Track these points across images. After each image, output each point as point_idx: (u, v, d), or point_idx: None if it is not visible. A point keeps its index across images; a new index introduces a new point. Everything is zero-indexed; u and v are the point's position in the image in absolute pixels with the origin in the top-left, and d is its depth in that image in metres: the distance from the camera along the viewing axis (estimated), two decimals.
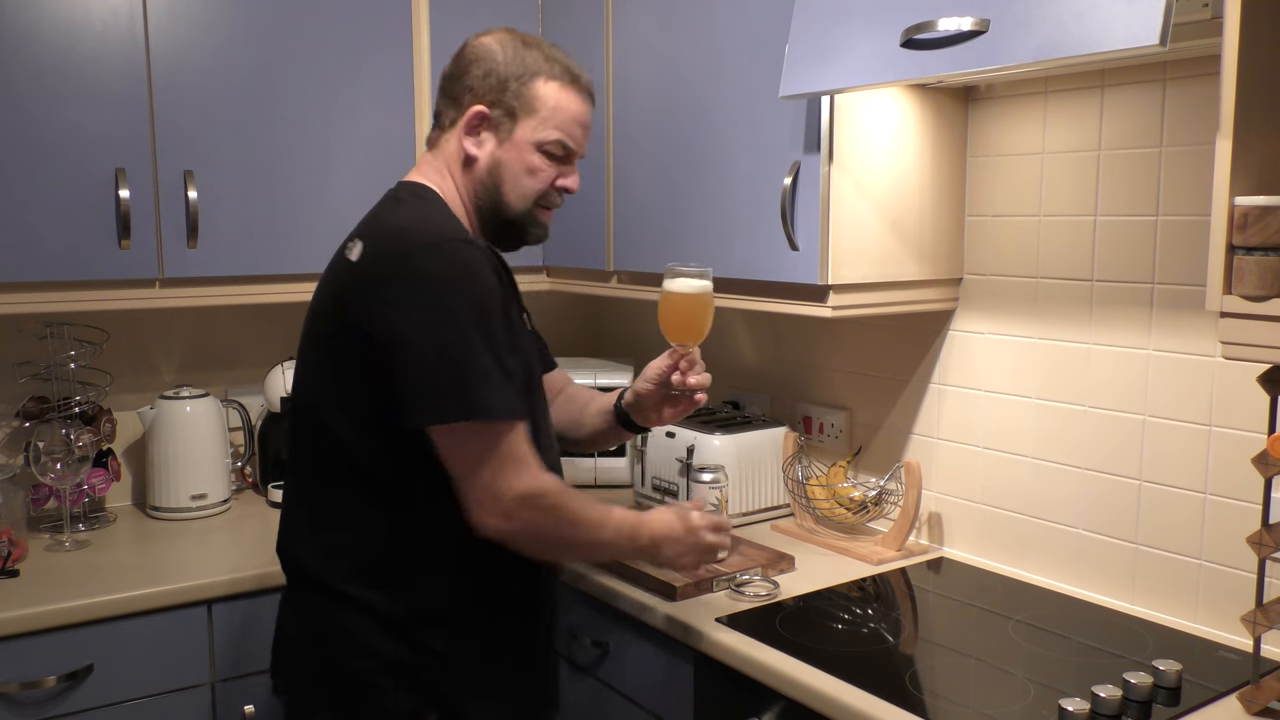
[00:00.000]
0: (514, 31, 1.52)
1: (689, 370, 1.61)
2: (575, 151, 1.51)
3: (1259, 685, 1.37)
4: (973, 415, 1.98)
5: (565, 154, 1.50)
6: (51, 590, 1.80)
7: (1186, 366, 1.65)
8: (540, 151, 1.47)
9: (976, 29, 1.39)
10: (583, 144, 1.52)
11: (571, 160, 1.52)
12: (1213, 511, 1.64)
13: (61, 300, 1.97)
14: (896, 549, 1.99)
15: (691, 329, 1.61)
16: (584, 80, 1.52)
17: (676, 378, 1.61)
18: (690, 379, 1.60)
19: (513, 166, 1.47)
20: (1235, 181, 1.20)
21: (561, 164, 1.50)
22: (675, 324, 1.60)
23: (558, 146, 1.48)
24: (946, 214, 1.94)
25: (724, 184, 1.97)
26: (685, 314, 1.60)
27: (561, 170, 1.50)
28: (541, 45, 1.50)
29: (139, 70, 1.99)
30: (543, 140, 1.47)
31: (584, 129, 1.51)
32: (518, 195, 1.48)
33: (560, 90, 1.48)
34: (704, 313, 1.61)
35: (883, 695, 1.40)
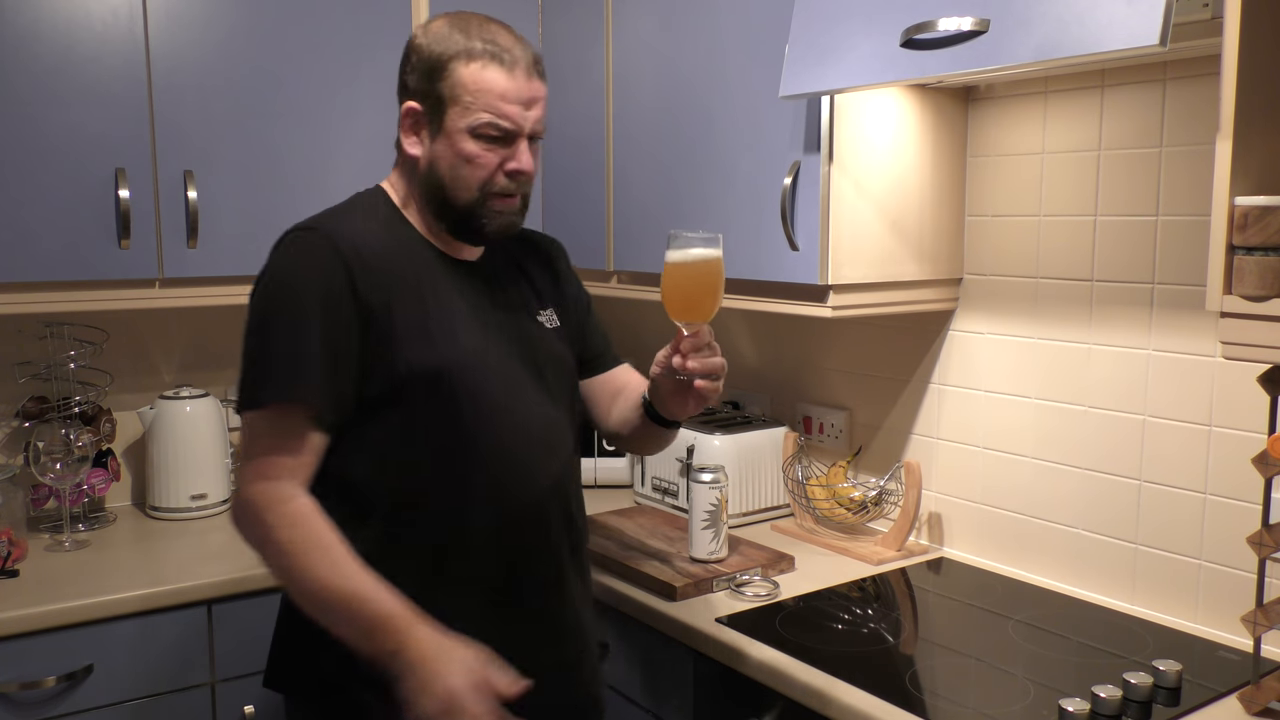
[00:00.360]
0: (455, 15, 1.42)
1: (690, 353, 1.38)
2: (515, 131, 1.37)
3: (1259, 685, 1.37)
4: (973, 415, 1.98)
5: (505, 135, 1.37)
6: (51, 590, 1.80)
7: (1186, 366, 1.65)
8: (475, 138, 1.36)
9: (976, 29, 1.39)
10: (523, 121, 1.37)
11: (515, 142, 1.38)
12: (1213, 511, 1.63)
13: (61, 300, 1.97)
14: (896, 549, 1.99)
15: (694, 305, 1.38)
16: (513, 54, 1.38)
17: (677, 360, 1.38)
18: (689, 362, 1.37)
19: (450, 159, 1.37)
20: (1235, 181, 1.20)
21: (504, 147, 1.37)
22: (676, 299, 1.38)
23: (491, 129, 1.36)
24: (946, 214, 1.94)
25: (724, 184, 1.97)
26: (687, 287, 1.38)
27: (506, 154, 1.38)
28: (470, 26, 1.39)
29: (139, 70, 1.99)
30: (473, 125, 1.36)
31: (521, 104, 1.37)
32: (461, 188, 1.38)
33: (482, 70, 1.35)
34: (709, 286, 1.38)
35: (883, 695, 1.41)
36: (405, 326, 1.34)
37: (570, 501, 1.50)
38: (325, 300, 1.31)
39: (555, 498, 1.46)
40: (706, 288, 1.38)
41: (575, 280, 1.67)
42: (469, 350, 1.38)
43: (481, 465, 1.38)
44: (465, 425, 1.37)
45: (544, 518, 1.44)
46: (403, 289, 1.36)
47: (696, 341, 1.37)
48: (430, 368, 1.34)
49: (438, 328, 1.37)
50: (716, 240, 1.39)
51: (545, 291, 1.55)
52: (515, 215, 1.42)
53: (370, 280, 1.33)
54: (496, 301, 1.46)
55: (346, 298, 1.31)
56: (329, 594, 1.24)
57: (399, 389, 1.34)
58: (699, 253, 1.38)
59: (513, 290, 1.51)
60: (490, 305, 1.45)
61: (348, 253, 1.32)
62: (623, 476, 2.46)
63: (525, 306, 1.51)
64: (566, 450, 1.50)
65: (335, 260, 1.32)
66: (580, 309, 1.64)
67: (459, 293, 1.42)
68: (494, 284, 1.48)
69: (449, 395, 1.36)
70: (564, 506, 1.48)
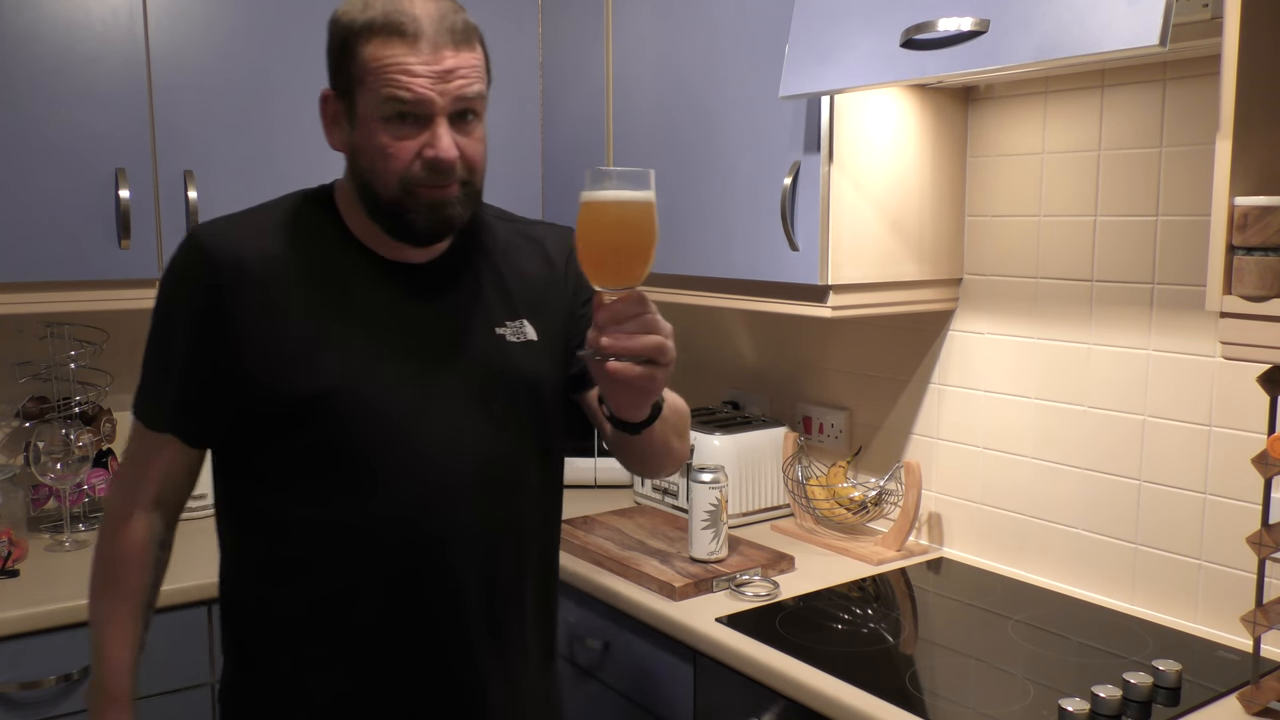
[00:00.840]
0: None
1: (607, 325, 1.05)
2: (425, 110, 1.16)
3: (1259, 685, 1.37)
4: (973, 415, 1.98)
5: (415, 117, 1.16)
6: (51, 590, 1.80)
7: (1186, 366, 1.65)
8: (385, 123, 1.17)
9: (976, 29, 1.39)
10: (432, 96, 1.15)
11: (431, 123, 1.16)
12: (1212, 511, 1.64)
13: (61, 300, 1.97)
14: (896, 549, 1.99)
15: (613, 262, 1.06)
16: (418, 23, 1.16)
17: (591, 333, 1.06)
18: (603, 337, 1.04)
19: (367, 151, 1.19)
20: (1235, 181, 1.20)
21: (419, 130, 1.17)
22: (591, 254, 1.07)
23: (394, 108, 1.15)
24: (946, 214, 1.94)
25: (724, 184, 1.97)
26: (605, 238, 1.06)
27: (424, 139, 1.16)
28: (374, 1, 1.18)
29: (139, 70, 1.99)
30: (378, 109, 1.16)
31: (431, 77, 1.15)
32: (380, 183, 1.18)
33: (382, 45, 1.15)
34: (635, 238, 1.06)
35: (883, 695, 1.41)
36: (288, 346, 1.18)
37: (515, 565, 1.28)
38: (191, 319, 1.20)
39: (482, 556, 1.24)
40: (631, 240, 1.06)
41: (580, 278, 1.37)
42: (362, 372, 1.19)
43: (366, 510, 1.20)
44: (350, 460, 1.20)
45: (457, 585, 1.23)
46: (292, 303, 1.20)
47: (615, 311, 1.05)
48: (311, 394, 1.17)
49: (329, 347, 1.19)
50: (646, 178, 1.06)
51: (522, 297, 1.31)
52: (453, 207, 1.20)
53: (249, 296, 1.18)
54: (435, 313, 1.25)
55: (213, 317, 1.18)
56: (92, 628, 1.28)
57: (282, 417, 1.19)
58: (621, 195, 1.05)
59: (465, 298, 1.28)
60: (421, 318, 1.24)
61: (226, 265, 1.19)
62: (623, 476, 2.46)
63: (482, 317, 1.28)
64: (520, 495, 1.28)
65: (207, 274, 1.19)
66: (582, 312, 1.41)
67: (379, 304, 1.23)
68: (439, 292, 1.26)
69: (333, 424, 1.19)
70: (504, 569, 1.26)
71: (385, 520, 1.20)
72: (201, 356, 1.20)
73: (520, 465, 1.28)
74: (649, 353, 1.04)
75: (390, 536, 1.20)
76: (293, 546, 1.22)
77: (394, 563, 1.21)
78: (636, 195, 1.06)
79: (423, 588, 1.22)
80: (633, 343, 1.04)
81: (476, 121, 1.21)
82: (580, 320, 1.35)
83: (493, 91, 1.25)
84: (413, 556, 1.21)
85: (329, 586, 1.21)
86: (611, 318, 1.04)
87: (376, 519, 1.20)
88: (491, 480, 1.25)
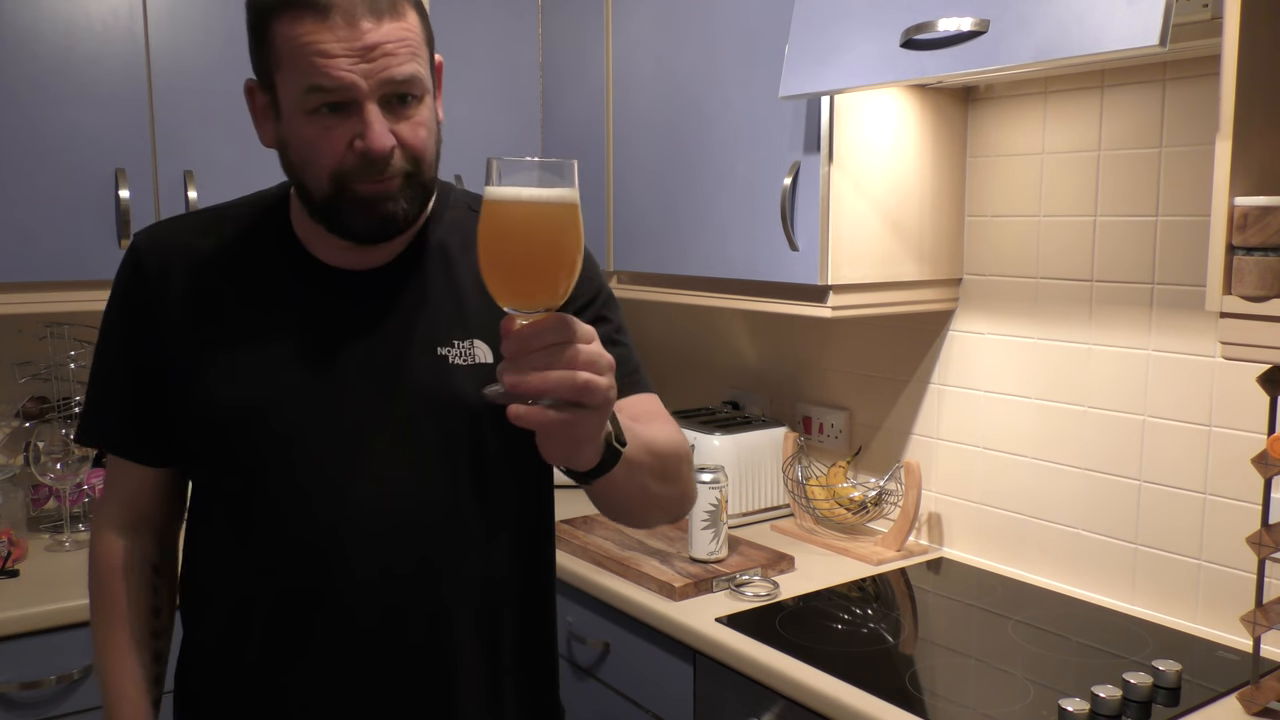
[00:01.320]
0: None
1: (514, 355, 0.81)
2: (348, 95, 0.99)
3: (1258, 685, 1.37)
4: (973, 415, 1.98)
5: (339, 104, 1.00)
6: (51, 590, 1.80)
7: (1186, 367, 1.65)
8: (310, 115, 1.01)
9: (976, 29, 1.39)
10: (355, 78, 0.98)
11: (360, 111, 1.00)
12: (1212, 512, 1.64)
13: (61, 300, 1.97)
14: (896, 549, 1.99)
15: (518, 277, 0.83)
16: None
17: (500, 367, 0.82)
18: (506, 373, 0.81)
19: (295, 145, 1.05)
20: (1235, 182, 1.20)
21: (348, 117, 1.01)
22: (494, 268, 0.83)
23: (317, 96, 1.00)
24: (946, 214, 1.94)
25: (724, 184, 1.97)
26: (505, 249, 0.83)
27: (354, 128, 1.00)
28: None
29: (139, 71, 1.99)
30: (299, 100, 1.01)
31: (353, 55, 0.98)
32: (313, 180, 1.04)
33: (289, 24, 0.99)
34: (550, 247, 0.83)
35: (883, 695, 1.41)
36: (203, 356, 1.09)
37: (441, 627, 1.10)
38: (121, 328, 1.15)
39: (381, 614, 1.08)
40: (544, 249, 0.82)
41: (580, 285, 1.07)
42: (263, 389, 1.07)
43: (252, 547, 1.10)
44: (238, 488, 1.10)
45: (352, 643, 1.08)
46: (211, 311, 1.10)
47: (524, 339, 0.80)
48: (214, 411, 1.08)
49: (239, 360, 1.08)
50: (565, 170, 0.83)
51: (479, 311, 1.10)
52: (393, 203, 1.04)
53: (174, 302, 1.10)
54: (365, 327, 1.09)
55: (141, 325, 1.12)
56: (95, 663, 1.22)
57: (195, 436, 1.11)
58: (533, 194, 0.82)
59: (406, 311, 1.10)
60: (349, 332, 1.09)
61: (154, 270, 1.11)
62: None
63: (422, 333, 1.10)
64: (446, 545, 1.09)
65: (136, 281, 1.12)
66: None
67: (304, 315, 1.10)
68: (377, 303, 1.10)
69: (225, 446, 1.09)
70: (419, 630, 1.09)
71: (271, 560, 1.08)
72: (130, 367, 1.14)
73: (449, 510, 1.09)
74: (566, 393, 0.80)
75: (277, 579, 1.08)
76: (199, 574, 1.16)
77: (282, 606, 1.08)
78: (552, 194, 0.82)
79: (310, 639, 1.08)
80: (543, 381, 0.79)
81: (418, 104, 1.04)
82: None
83: (492, 92, 1.18)
84: (298, 604, 1.08)
85: (221, 622, 1.13)
86: (520, 347, 0.80)
87: (264, 557, 1.09)
88: (405, 527, 1.08)
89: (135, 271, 1.13)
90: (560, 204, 0.82)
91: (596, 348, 0.83)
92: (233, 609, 1.11)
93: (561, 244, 0.82)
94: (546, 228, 0.82)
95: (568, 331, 0.81)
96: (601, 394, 0.82)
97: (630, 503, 1.07)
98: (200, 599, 1.16)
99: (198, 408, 1.09)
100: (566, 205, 0.82)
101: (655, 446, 1.04)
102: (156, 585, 1.21)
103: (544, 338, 0.80)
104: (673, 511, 1.13)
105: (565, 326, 0.81)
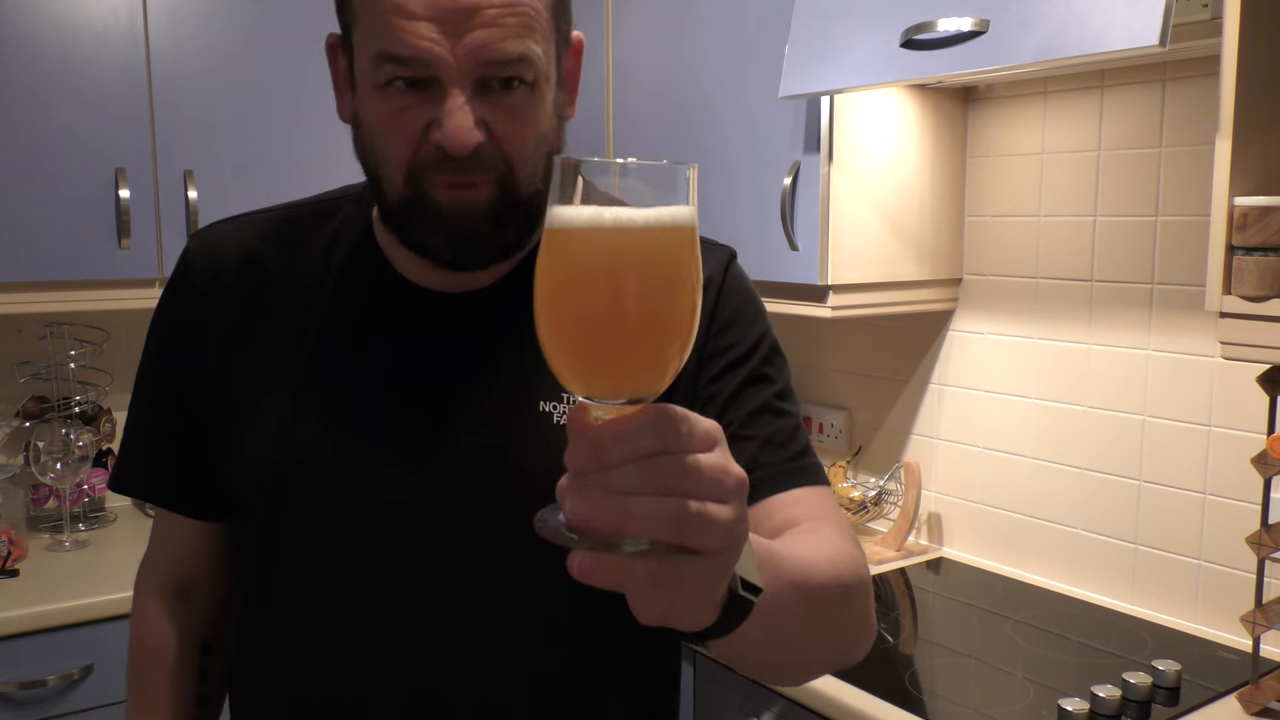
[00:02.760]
0: None
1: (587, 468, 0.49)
2: (430, 69, 0.76)
3: (1258, 685, 1.37)
4: (972, 415, 1.98)
5: (422, 79, 0.77)
6: (51, 590, 1.80)
7: (1186, 367, 1.65)
8: (382, 90, 0.78)
9: (976, 29, 1.39)
10: (441, 53, 0.75)
11: (442, 91, 0.76)
12: (1212, 512, 1.64)
13: (61, 300, 1.97)
14: (896, 549, 1.99)
15: (598, 349, 0.51)
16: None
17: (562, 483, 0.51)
18: (570, 496, 0.50)
19: (365, 124, 0.82)
20: (1235, 181, 1.20)
21: (427, 97, 0.77)
22: (560, 334, 0.52)
23: (389, 67, 0.76)
24: (946, 214, 1.94)
25: (724, 184, 1.97)
26: (579, 305, 0.51)
27: (433, 113, 0.77)
28: None
29: (139, 70, 1.99)
30: (371, 66, 0.78)
31: (430, 20, 0.74)
32: (386, 174, 0.82)
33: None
34: (643, 305, 0.50)
35: (882, 695, 1.40)
36: (245, 393, 0.88)
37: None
38: (168, 357, 0.93)
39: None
40: (644, 307, 0.51)
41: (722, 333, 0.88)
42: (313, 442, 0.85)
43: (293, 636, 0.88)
44: (282, 557, 0.87)
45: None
46: (261, 334, 0.88)
47: (600, 444, 0.49)
48: (255, 462, 0.86)
49: (287, 401, 0.86)
50: (680, 180, 0.55)
51: None
52: (481, 220, 0.80)
53: (222, 321, 0.89)
54: (453, 369, 0.85)
55: (190, 354, 0.90)
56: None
57: (239, 489, 0.90)
58: (633, 216, 0.51)
59: (506, 355, 0.85)
60: (429, 374, 0.85)
61: (206, 285, 0.90)
62: None
63: (523, 384, 0.85)
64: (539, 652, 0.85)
65: (185, 299, 0.91)
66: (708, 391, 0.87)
67: (372, 348, 0.86)
68: (469, 340, 0.86)
69: (269, 507, 0.87)
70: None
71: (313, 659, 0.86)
72: (173, 404, 0.92)
73: (539, 607, 0.84)
74: (665, 534, 0.49)
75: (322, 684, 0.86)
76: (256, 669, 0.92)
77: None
78: (662, 217, 0.52)
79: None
80: (624, 515, 0.49)
81: (528, 93, 0.79)
82: (704, 403, 0.86)
83: None
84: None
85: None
86: (594, 459, 0.49)
87: (306, 654, 0.87)
88: (484, 629, 0.83)
89: (181, 288, 0.92)
90: (672, 229, 0.52)
91: (720, 459, 0.51)
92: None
93: (672, 297, 0.52)
94: (650, 273, 0.51)
95: (672, 435, 0.49)
96: (722, 533, 0.50)
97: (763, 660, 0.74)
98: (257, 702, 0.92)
99: (242, 456, 0.87)
100: (683, 233, 0.53)
101: (810, 583, 0.70)
102: (206, 670, 1.00)
103: (634, 444, 0.49)
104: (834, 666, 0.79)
105: (669, 426, 0.50)
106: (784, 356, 0.90)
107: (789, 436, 0.85)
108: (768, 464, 0.83)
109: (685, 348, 0.52)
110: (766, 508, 0.81)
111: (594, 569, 0.49)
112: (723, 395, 0.85)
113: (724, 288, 0.88)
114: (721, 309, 0.88)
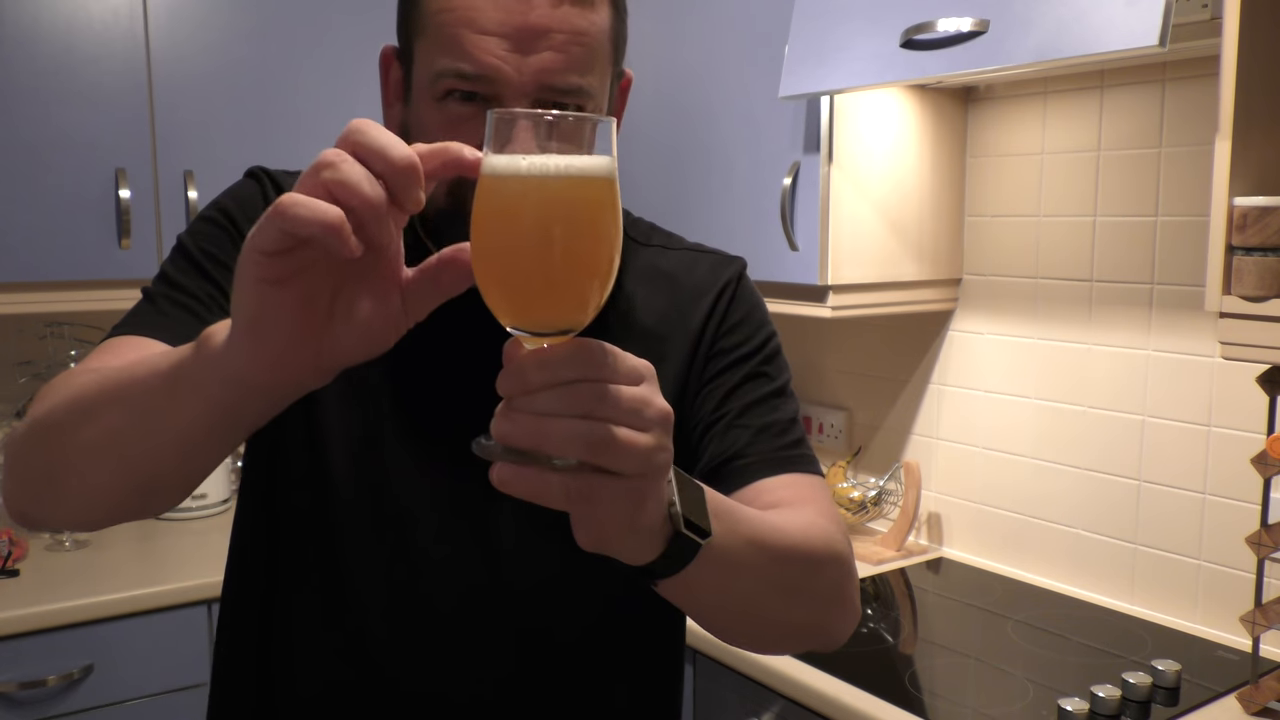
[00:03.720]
0: None
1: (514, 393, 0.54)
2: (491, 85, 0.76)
3: (1258, 685, 1.37)
4: (972, 415, 1.98)
5: (482, 95, 0.78)
6: (51, 590, 1.80)
7: (1185, 367, 1.66)
8: (439, 103, 0.79)
9: (976, 29, 1.39)
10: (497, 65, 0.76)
11: (494, 105, 0.77)
12: (1212, 512, 1.64)
13: (61, 300, 1.97)
14: (896, 549, 1.99)
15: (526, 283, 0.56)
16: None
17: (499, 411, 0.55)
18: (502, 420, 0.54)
19: (415, 135, 0.81)
20: (1234, 182, 1.20)
21: (480, 110, 0.77)
22: (491, 270, 0.57)
23: (449, 81, 0.77)
24: (946, 214, 1.94)
25: (724, 184, 1.97)
26: (507, 243, 0.56)
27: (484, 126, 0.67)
28: None
29: (139, 70, 1.99)
30: (432, 78, 0.78)
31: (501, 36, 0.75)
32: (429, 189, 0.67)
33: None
34: (566, 240, 0.55)
35: (882, 695, 1.41)
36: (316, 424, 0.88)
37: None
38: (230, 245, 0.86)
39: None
40: (567, 244, 0.55)
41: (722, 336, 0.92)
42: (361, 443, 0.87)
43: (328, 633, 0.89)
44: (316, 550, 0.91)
45: None
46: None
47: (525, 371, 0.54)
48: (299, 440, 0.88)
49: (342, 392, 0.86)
50: (601, 131, 0.56)
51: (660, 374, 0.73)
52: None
53: None
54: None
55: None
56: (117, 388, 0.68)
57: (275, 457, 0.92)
58: (552, 163, 0.54)
59: None
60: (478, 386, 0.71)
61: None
62: None
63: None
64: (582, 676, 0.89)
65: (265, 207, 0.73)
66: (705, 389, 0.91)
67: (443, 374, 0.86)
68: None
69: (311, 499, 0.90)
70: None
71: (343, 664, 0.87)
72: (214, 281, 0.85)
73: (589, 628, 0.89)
74: (576, 451, 0.53)
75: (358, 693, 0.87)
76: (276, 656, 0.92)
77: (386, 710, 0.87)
78: (583, 165, 0.55)
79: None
80: (545, 431, 0.53)
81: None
82: (698, 401, 0.89)
83: None
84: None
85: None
86: (519, 384, 0.53)
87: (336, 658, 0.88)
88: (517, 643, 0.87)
89: (263, 197, 0.89)
90: (592, 178, 0.55)
91: (644, 391, 0.55)
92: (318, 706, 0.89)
93: (593, 236, 0.56)
94: (571, 213, 0.55)
95: (592, 364, 0.53)
96: (638, 458, 0.54)
97: (730, 619, 0.77)
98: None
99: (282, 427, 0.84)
100: (601, 180, 0.56)
101: (772, 542, 0.72)
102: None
103: (553, 371, 0.53)
104: (809, 639, 0.81)
105: (588, 356, 0.53)
106: (786, 362, 0.94)
107: (783, 429, 0.88)
108: (760, 450, 0.86)
109: (608, 282, 0.56)
110: (754, 490, 0.84)
111: (511, 479, 0.53)
112: (723, 388, 0.89)
113: (736, 294, 0.93)
114: (732, 312, 0.92)
